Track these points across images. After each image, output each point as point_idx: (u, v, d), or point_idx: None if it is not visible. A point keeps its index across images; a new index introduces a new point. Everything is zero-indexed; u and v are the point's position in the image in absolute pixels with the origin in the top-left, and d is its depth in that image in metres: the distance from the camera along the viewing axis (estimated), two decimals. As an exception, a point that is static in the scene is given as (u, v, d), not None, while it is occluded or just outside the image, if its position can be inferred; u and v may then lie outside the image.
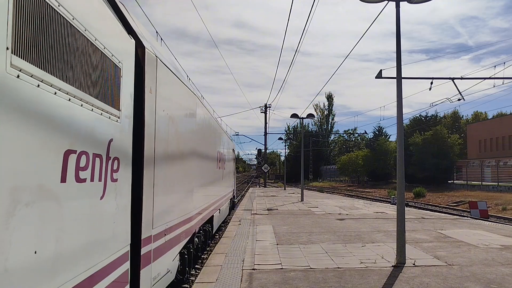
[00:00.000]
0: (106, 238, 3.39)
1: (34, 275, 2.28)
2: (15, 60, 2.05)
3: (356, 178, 67.70)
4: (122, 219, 3.75)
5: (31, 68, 2.19)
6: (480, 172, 39.49)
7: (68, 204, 2.66)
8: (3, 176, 2.00)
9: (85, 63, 2.90)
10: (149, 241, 4.56)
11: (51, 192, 2.45)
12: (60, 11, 2.52)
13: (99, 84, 3.16)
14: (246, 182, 64.69)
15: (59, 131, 2.53)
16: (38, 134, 2.30)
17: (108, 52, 3.35)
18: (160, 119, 4.87)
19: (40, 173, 2.33)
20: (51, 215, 2.46)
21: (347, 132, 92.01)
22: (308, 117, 26.05)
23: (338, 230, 11.84)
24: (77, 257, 2.82)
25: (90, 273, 3.01)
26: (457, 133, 58.08)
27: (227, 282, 6.32)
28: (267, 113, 52.66)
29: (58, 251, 2.53)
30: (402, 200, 8.04)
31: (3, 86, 1.98)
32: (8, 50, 2.00)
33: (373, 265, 7.45)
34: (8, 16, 1.97)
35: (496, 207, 25.36)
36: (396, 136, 8.48)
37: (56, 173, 2.51)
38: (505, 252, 8.60)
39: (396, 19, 8.10)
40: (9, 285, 2.03)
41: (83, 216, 2.93)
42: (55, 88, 2.45)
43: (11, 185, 2.06)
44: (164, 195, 5.15)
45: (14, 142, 2.07)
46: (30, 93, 2.20)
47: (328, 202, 24.03)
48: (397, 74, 8.16)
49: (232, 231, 11.72)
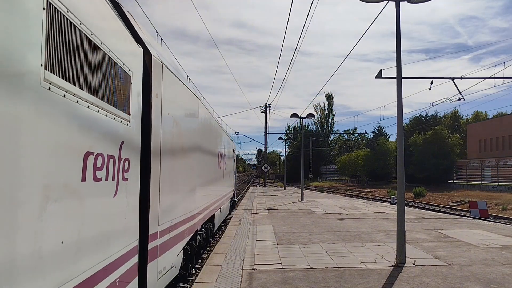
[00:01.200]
0: (118, 233, 3.68)
1: (61, 262, 2.59)
2: (47, 75, 2.38)
3: (356, 178, 67.69)
4: (132, 216, 4.04)
5: (58, 81, 2.51)
6: (480, 172, 39.50)
7: (87, 201, 2.96)
8: (38, 175, 2.31)
9: (100, 73, 3.19)
10: (156, 237, 4.84)
11: (73, 190, 2.75)
12: (82, 28, 2.83)
13: (112, 91, 3.46)
14: (246, 182, 64.69)
15: (80, 135, 2.85)
16: (64, 138, 2.62)
17: (120, 62, 3.65)
18: (165, 121, 5.16)
19: (65, 173, 2.63)
20: (74, 210, 2.76)
21: (347, 132, 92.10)
22: (308, 117, 26.05)
23: (338, 230, 11.84)
24: (94, 249, 3.11)
25: (104, 264, 3.28)
26: (457, 133, 58.09)
27: (227, 282, 6.33)
28: (267, 113, 52.66)
29: (79, 242, 2.84)
30: (402, 200, 8.04)
31: (38, 97, 2.30)
32: (42, 66, 2.33)
33: (373, 265, 7.45)
34: (42, 39, 2.32)
35: (496, 207, 25.36)
36: (396, 136, 8.48)
37: (77, 173, 2.81)
38: (505, 252, 8.60)
39: (396, 18, 8.10)
40: (42, 271, 2.34)
41: (99, 212, 3.23)
42: (77, 97, 2.76)
43: (44, 183, 2.36)
44: (169, 193, 5.43)
45: (45, 145, 2.39)
46: (57, 102, 2.52)
47: (328, 201, 24.03)
48: (397, 74, 8.16)
49: (232, 231, 11.72)
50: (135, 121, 4.12)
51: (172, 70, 5.69)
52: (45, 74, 2.35)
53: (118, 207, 3.64)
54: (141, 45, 4.53)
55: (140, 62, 4.38)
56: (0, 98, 1.99)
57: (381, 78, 17.21)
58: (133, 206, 4.07)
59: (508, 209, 24.14)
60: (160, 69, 5.03)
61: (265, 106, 52.72)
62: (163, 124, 5.07)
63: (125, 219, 3.84)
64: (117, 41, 3.66)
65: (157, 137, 4.81)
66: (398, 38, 8.09)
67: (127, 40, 4.03)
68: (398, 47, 8.11)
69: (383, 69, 17.27)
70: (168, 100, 5.35)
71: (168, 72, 5.44)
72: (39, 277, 2.32)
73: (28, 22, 2.22)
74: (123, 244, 3.78)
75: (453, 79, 19.04)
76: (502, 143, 52.74)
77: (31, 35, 2.24)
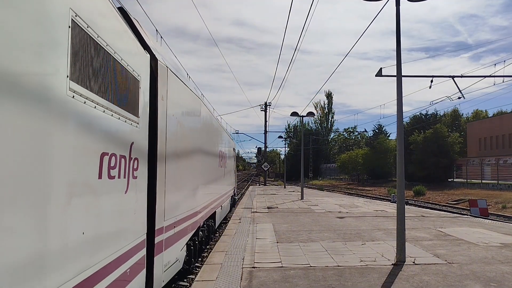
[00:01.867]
0: (129, 227, 4.04)
1: (83, 252, 2.92)
2: (72, 85, 2.69)
3: (356, 176, 67.70)
4: (140, 211, 4.40)
5: (80, 89, 2.81)
6: (480, 170, 39.53)
7: (103, 197, 3.30)
8: (64, 174, 2.63)
9: (113, 80, 3.52)
10: (161, 232, 5.16)
11: (92, 186, 3.09)
12: (99, 41, 3.15)
13: (123, 96, 3.79)
14: (246, 181, 64.67)
15: (97, 137, 3.18)
16: (84, 140, 2.94)
17: (130, 68, 3.97)
18: (170, 123, 5.50)
19: (85, 172, 2.96)
20: (92, 205, 3.09)
21: (347, 130, 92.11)
22: (308, 115, 26.03)
23: (338, 228, 11.85)
24: (109, 240, 3.45)
25: (117, 255, 3.63)
26: (457, 131, 58.06)
27: (227, 280, 6.33)
28: (267, 111, 52.68)
29: (97, 234, 3.18)
30: (402, 198, 8.04)
31: (64, 105, 2.61)
32: (68, 77, 2.63)
33: (373, 263, 7.46)
34: (68, 53, 2.63)
35: (496, 205, 25.38)
36: (396, 135, 8.48)
37: (95, 172, 3.13)
38: (505, 250, 8.61)
39: (396, 17, 8.08)
40: (68, 259, 2.69)
41: (113, 207, 3.56)
42: (94, 103, 3.07)
43: (68, 181, 2.69)
44: (174, 191, 5.77)
45: (70, 147, 2.71)
46: (80, 109, 2.83)
47: (328, 200, 24.04)
48: (397, 72, 8.14)
49: (232, 229, 11.73)
50: (143, 123, 4.44)
51: (176, 73, 6.00)
52: (70, 84, 2.66)
53: (129, 203, 3.97)
54: (148, 51, 4.85)
55: (147, 67, 4.71)
56: (34, 106, 2.28)
57: (381, 76, 17.17)
58: (141, 202, 4.41)
59: (508, 207, 24.15)
60: (165, 73, 5.34)
61: (265, 105, 52.72)
62: (168, 125, 5.39)
63: (135, 214, 4.18)
64: (128, 50, 4.00)
65: (163, 138, 5.14)
66: (398, 37, 8.08)
67: (136, 48, 4.36)
68: (398, 46, 8.10)
69: (382, 67, 17.23)
70: (173, 102, 5.67)
71: (173, 75, 5.75)
72: (65, 264, 2.65)
73: (57, 39, 2.54)
74: (133, 237, 4.13)
75: (453, 77, 19.02)
76: (502, 141, 52.72)
77: (59, 51, 2.55)
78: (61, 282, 2.59)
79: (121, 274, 3.73)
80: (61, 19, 2.58)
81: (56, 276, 2.54)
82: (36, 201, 2.31)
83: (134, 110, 4.13)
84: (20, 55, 2.19)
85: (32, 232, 2.29)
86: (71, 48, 2.69)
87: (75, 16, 2.74)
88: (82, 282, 2.90)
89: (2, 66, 2.03)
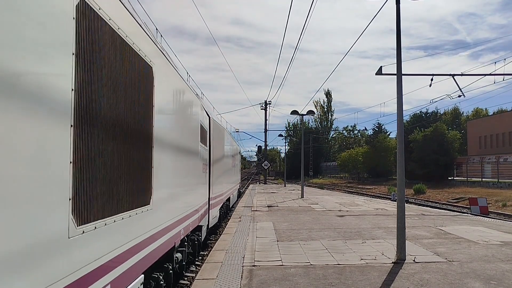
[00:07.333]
0: (205, 192, 9.57)
1: (196, 200, 8.10)
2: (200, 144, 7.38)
3: (356, 174, 67.68)
4: (206, 188, 9.84)
5: (186, 141, 7.59)
6: (480, 168, 39.50)
7: (201, 180, 8.80)
8: (192, 172, 7.50)
9: (203, 133, 8.98)
10: (211, 199, 10.57)
11: (200, 177, 8.59)
12: (192, 118, 8.28)
13: (203, 138, 9.07)
14: (246, 179, 64.57)
15: (200, 157, 8.52)
16: (197, 160, 8.20)
17: (205, 127, 9.52)
18: (214, 146, 11.11)
19: (198, 170, 8.34)
20: (200, 183, 8.63)
21: (346, 128, 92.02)
22: (308, 113, 26.01)
23: (338, 227, 11.86)
24: (202, 196, 9.00)
25: (202, 202, 8.99)
26: (457, 129, 58.02)
27: (227, 279, 6.34)
28: (267, 110, 52.66)
29: (200, 193, 8.80)
30: (402, 196, 8.04)
31: (197, 150, 8.53)
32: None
33: (373, 261, 7.47)
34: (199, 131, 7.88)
35: (496, 203, 25.38)
36: (396, 133, 8.47)
37: (200, 170, 8.60)
38: (505, 249, 8.62)
39: (396, 15, 8.07)
40: (191, 204, 7.45)
41: (203, 185, 9.14)
42: (200, 145, 8.53)
43: (193, 174, 7.68)
44: (215, 181, 11.46)
45: (191, 163, 7.43)
46: (200, 149, 8.75)
47: (328, 198, 24.06)
48: (397, 70, 8.13)
49: (233, 228, 11.74)
50: (207, 147, 9.81)
51: (215, 120, 12.08)
52: (200, 143, 7.42)
53: (204, 183, 9.37)
54: (207, 113, 10.10)
55: (208, 122, 10.09)
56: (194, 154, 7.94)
57: (381, 75, 17.12)
58: (207, 184, 9.84)
59: (508, 205, 24.16)
60: (211, 121, 10.72)
61: (265, 103, 52.71)
62: (213, 148, 10.90)
63: (206, 188, 9.73)
64: (203, 116, 9.22)
65: (212, 155, 10.68)
66: (399, 35, 8.06)
67: (205, 114, 9.61)
68: (398, 44, 8.08)
69: (382, 66, 17.21)
70: (213, 135, 11.20)
71: (214, 121, 11.49)
72: (192, 205, 7.56)
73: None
74: (204, 199, 9.35)
75: (453, 75, 18.97)
76: (502, 139, 52.73)
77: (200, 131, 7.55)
78: (187, 212, 6.83)
79: (200, 215, 8.53)
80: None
81: (188, 210, 6.93)
82: (195, 180, 7.76)
83: (205, 142, 9.53)
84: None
85: (190, 194, 7.30)
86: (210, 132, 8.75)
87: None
88: (193, 212, 7.51)
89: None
